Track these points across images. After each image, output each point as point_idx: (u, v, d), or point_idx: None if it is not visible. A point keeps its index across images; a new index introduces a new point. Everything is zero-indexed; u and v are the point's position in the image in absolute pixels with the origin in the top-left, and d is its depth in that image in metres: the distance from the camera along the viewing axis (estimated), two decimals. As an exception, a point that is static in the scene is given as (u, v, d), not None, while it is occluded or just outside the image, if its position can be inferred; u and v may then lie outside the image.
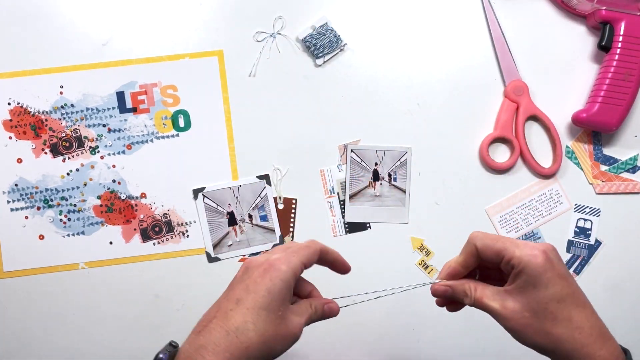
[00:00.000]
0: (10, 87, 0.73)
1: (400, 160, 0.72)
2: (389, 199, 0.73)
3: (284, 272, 0.47)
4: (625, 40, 0.71)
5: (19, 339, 0.74)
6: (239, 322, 0.45)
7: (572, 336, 0.45)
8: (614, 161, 0.76)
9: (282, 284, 0.47)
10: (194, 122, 0.74)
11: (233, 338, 0.45)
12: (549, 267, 0.46)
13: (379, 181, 0.73)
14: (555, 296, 0.46)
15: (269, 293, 0.46)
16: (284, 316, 0.47)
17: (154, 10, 0.74)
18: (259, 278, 0.47)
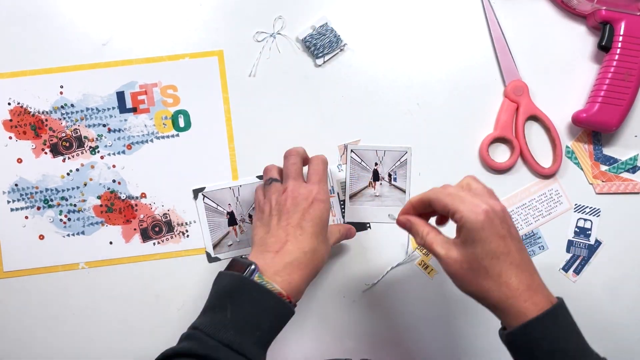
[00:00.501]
0: (10, 87, 0.73)
1: (400, 161, 0.72)
2: (389, 199, 0.73)
3: (326, 201, 0.61)
4: (625, 40, 0.71)
5: (19, 339, 0.74)
6: (310, 245, 0.58)
7: (499, 289, 0.51)
8: (614, 161, 0.76)
9: (326, 213, 0.61)
10: (194, 122, 0.74)
11: (310, 257, 0.58)
12: (488, 225, 0.51)
13: (379, 181, 0.73)
14: (489, 253, 0.51)
15: (321, 220, 0.60)
16: (328, 236, 0.61)
17: (154, 10, 0.74)
18: (311, 209, 0.60)
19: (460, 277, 0.53)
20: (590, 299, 0.76)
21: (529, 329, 0.50)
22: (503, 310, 0.51)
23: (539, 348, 0.49)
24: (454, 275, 0.53)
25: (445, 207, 0.53)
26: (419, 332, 0.76)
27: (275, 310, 0.54)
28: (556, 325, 0.50)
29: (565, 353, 0.49)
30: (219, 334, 0.51)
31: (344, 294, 0.75)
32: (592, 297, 0.76)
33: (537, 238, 0.75)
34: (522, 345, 0.51)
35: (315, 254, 0.58)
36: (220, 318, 0.52)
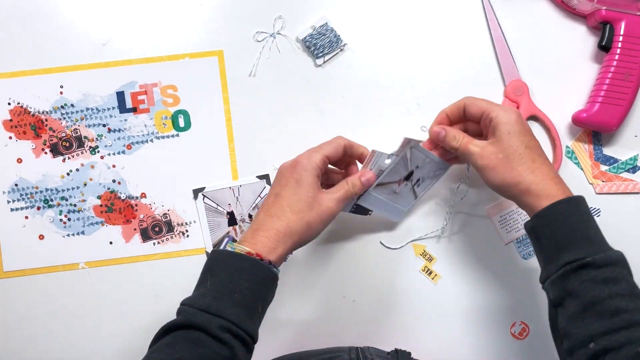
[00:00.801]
0: (10, 87, 0.73)
1: (436, 173, 0.70)
2: (399, 199, 0.71)
3: (305, 164, 0.60)
4: (626, 40, 0.71)
5: (19, 339, 0.74)
6: (278, 208, 0.59)
7: (533, 172, 0.57)
8: (614, 161, 0.76)
9: (306, 174, 0.59)
10: (194, 122, 0.74)
11: (275, 220, 0.58)
12: (521, 123, 0.59)
13: (406, 182, 0.70)
14: (524, 143, 0.58)
15: (296, 182, 0.59)
16: (315, 197, 0.59)
17: (154, 10, 0.74)
18: (288, 174, 0.60)
19: (494, 167, 0.58)
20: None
21: (555, 208, 0.55)
22: (534, 192, 0.56)
23: (562, 226, 0.54)
24: (488, 167, 0.59)
25: (481, 108, 0.61)
26: (419, 334, 0.76)
27: (249, 270, 0.55)
28: (579, 211, 0.55)
29: (586, 232, 0.54)
30: (198, 302, 0.53)
31: (344, 294, 0.75)
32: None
33: (537, 238, 0.75)
34: (546, 225, 0.55)
35: (284, 216, 0.58)
36: (202, 290, 0.55)
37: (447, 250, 0.75)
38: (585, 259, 0.52)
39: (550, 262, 0.55)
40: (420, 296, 0.75)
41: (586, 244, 0.53)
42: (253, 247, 0.57)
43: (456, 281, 0.75)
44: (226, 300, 0.53)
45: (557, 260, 0.54)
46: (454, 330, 0.76)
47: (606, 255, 0.52)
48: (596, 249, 0.53)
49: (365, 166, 0.64)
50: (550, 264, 0.55)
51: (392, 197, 0.69)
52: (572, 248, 0.53)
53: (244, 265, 0.55)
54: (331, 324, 0.75)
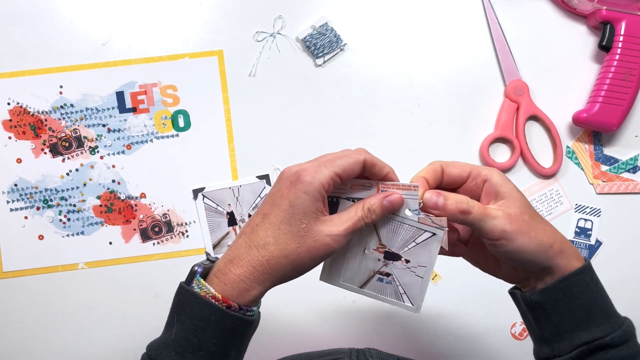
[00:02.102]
0: (9, 87, 0.73)
1: (399, 291, 0.53)
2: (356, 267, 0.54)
3: (307, 183, 0.45)
4: (626, 40, 0.71)
5: (19, 339, 0.74)
6: (262, 237, 0.46)
7: (554, 231, 0.49)
8: (615, 161, 0.75)
9: (305, 197, 0.45)
10: (193, 122, 0.74)
11: (255, 252, 0.46)
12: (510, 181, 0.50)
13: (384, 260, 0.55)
14: (528, 203, 0.49)
15: (290, 206, 0.45)
16: (308, 229, 0.45)
17: (154, 10, 0.74)
18: (285, 190, 0.46)
19: (527, 231, 0.46)
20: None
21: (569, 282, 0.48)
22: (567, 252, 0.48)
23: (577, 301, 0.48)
24: (520, 232, 0.46)
25: (464, 169, 0.49)
26: (420, 334, 0.75)
27: (215, 322, 0.45)
28: (593, 279, 0.49)
29: (603, 305, 0.49)
30: (161, 355, 0.46)
31: (344, 295, 0.75)
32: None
33: (538, 238, 0.75)
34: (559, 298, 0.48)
35: (266, 250, 0.46)
36: (166, 338, 0.47)
37: (447, 250, 0.75)
38: (604, 338, 0.46)
39: (561, 339, 0.48)
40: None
41: (604, 320, 0.48)
42: (222, 288, 0.45)
43: (456, 281, 0.75)
44: (190, 358, 0.45)
45: (572, 339, 0.48)
46: (454, 331, 0.76)
47: (623, 332, 0.47)
48: (614, 325, 0.48)
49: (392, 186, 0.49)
50: (559, 341, 0.48)
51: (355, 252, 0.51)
52: (589, 325, 0.47)
53: (210, 316, 0.45)
54: (331, 325, 0.75)
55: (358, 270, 0.51)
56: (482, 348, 0.75)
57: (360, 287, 0.51)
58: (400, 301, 0.51)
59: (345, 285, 0.51)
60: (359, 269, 0.51)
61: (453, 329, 0.76)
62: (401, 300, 0.51)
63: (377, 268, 0.50)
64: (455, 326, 0.75)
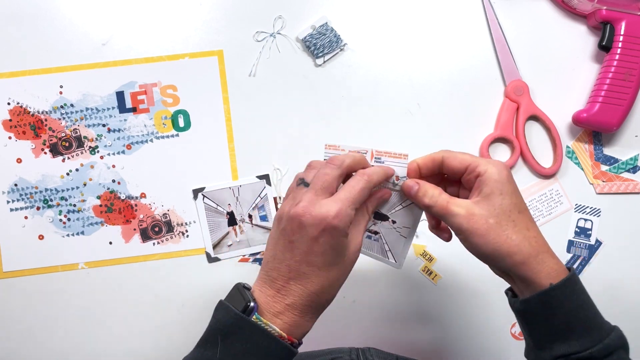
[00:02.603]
0: (10, 87, 0.73)
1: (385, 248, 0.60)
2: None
3: (341, 229, 0.48)
4: (626, 40, 0.71)
5: (19, 339, 0.74)
6: (318, 284, 0.49)
7: (529, 243, 0.48)
8: (615, 161, 0.76)
9: (342, 240, 0.49)
10: (193, 122, 0.74)
11: (314, 297, 0.49)
12: (511, 180, 0.50)
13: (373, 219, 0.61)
14: (517, 206, 0.49)
15: (332, 250, 0.48)
16: (348, 258, 0.50)
17: (154, 10, 0.74)
18: (321, 238, 0.48)
19: (484, 234, 0.48)
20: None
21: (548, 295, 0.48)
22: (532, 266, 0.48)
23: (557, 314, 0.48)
24: (476, 233, 0.48)
25: (464, 161, 0.51)
26: (420, 334, 0.76)
27: (271, 351, 0.47)
28: (574, 292, 0.49)
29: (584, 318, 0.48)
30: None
31: (344, 295, 0.75)
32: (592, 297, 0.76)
33: (538, 238, 0.75)
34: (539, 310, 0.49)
35: (324, 290, 0.49)
36: (209, 356, 0.48)
37: (447, 250, 0.75)
38: (582, 352, 0.47)
39: (542, 348, 0.49)
40: (420, 296, 0.75)
41: (584, 333, 0.48)
42: (288, 328, 0.48)
43: (456, 281, 0.75)
44: None
45: (551, 350, 0.49)
46: (454, 331, 0.76)
47: (604, 346, 0.47)
48: (594, 338, 0.47)
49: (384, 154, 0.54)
50: (541, 350, 0.50)
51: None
52: (568, 338, 0.48)
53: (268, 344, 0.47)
54: (331, 324, 0.75)
55: None
56: (482, 348, 0.75)
57: None
58: (385, 257, 0.56)
59: None
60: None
61: (453, 328, 0.76)
62: (386, 257, 0.56)
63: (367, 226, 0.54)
64: (455, 326, 0.76)
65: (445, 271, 0.75)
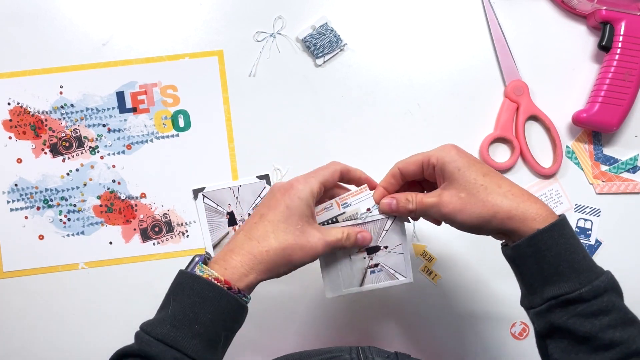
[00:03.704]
0: (10, 87, 0.73)
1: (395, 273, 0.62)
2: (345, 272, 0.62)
3: (300, 190, 0.54)
4: (626, 40, 0.71)
5: (19, 339, 0.74)
6: (261, 231, 0.53)
7: (506, 198, 0.51)
8: (614, 161, 0.76)
9: (299, 201, 0.53)
10: (194, 122, 0.74)
11: (255, 243, 0.52)
12: (463, 154, 0.54)
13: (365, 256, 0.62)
14: (480, 171, 0.52)
15: (287, 208, 0.53)
16: (303, 230, 0.53)
17: (154, 10, 0.74)
18: (280, 196, 0.54)
19: (462, 207, 0.52)
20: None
21: (536, 240, 0.50)
22: (517, 217, 0.50)
23: (546, 257, 0.50)
24: (455, 210, 0.52)
25: (416, 161, 0.55)
26: (419, 334, 0.76)
27: (213, 299, 0.50)
28: (562, 236, 0.50)
29: (572, 261, 0.49)
30: (155, 330, 0.50)
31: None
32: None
33: (537, 238, 0.75)
34: (528, 255, 0.51)
35: (266, 242, 0.52)
36: (162, 315, 0.51)
37: (447, 250, 0.75)
38: (571, 294, 0.48)
39: (534, 292, 0.51)
40: (420, 296, 0.75)
41: (572, 276, 0.49)
42: (223, 272, 0.51)
43: (456, 281, 0.75)
44: (185, 330, 0.49)
45: (542, 292, 0.50)
46: (454, 330, 0.76)
47: (593, 287, 0.48)
48: (583, 280, 0.49)
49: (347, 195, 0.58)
50: (533, 294, 0.51)
51: (343, 262, 0.59)
52: (557, 281, 0.49)
53: (209, 293, 0.50)
54: (331, 323, 0.75)
55: (353, 275, 0.59)
56: (482, 347, 0.75)
57: (360, 285, 0.59)
58: (395, 280, 0.59)
59: (349, 291, 0.59)
60: (353, 273, 0.59)
61: (453, 328, 0.76)
62: (395, 279, 0.59)
63: (366, 265, 0.59)
64: (455, 326, 0.76)
65: (445, 271, 0.75)
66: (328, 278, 0.59)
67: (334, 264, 0.59)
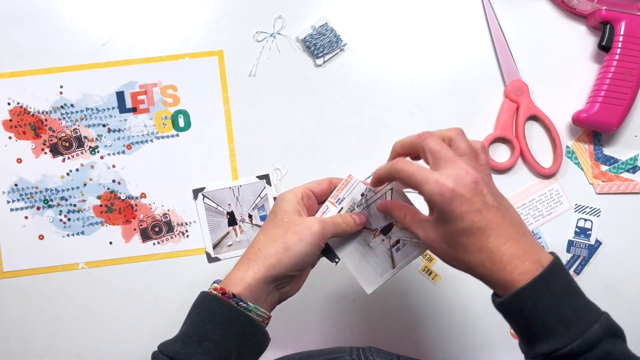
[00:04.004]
0: (10, 87, 0.73)
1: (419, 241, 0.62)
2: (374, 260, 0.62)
3: (283, 196, 0.56)
4: (626, 40, 0.71)
5: (19, 339, 0.74)
6: (255, 241, 0.55)
7: (482, 264, 0.48)
8: (614, 161, 0.76)
9: (281, 203, 0.55)
10: (194, 122, 0.74)
11: (249, 249, 0.54)
12: (458, 203, 0.46)
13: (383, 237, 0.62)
14: (465, 231, 0.47)
15: (273, 213, 0.55)
16: (291, 220, 0.54)
17: (154, 10, 0.74)
18: (270, 212, 0.56)
19: (442, 256, 0.51)
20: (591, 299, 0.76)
21: (519, 297, 0.47)
22: (491, 282, 0.49)
23: (532, 314, 0.47)
24: (437, 254, 0.51)
25: (410, 179, 0.49)
26: (419, 333, 0.76)
27: (222, 315, 0.50)
28: (548, 289, 0.47)
29: (560, 315, 0.47)
30: (168, 348, 0.50)
31: (343, 294, 0.75)
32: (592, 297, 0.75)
33: (538, 238, 0.75)
34: (515, 312, 0.48)
35: (257, 242, 0.54)
36: (177, 334, 0.52)
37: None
38: (562, 349, 0.46)
39: (527, 343, 0.50)
40: (420, 296, 0.75)
41: (562, 330, 0.46)
42: (224, 283, 0.52)
43: (456, 281, 0.75)
44: (195, 347, 0.49)
45: (533, 348, 0.48)
46: (454, 330, 0.76)
47: (585, 340, 0.46)
48: (574, 334, 0.46)
49: (336, 192, 0.57)
50: (527, 345, 0.50)
51: (365, 252, 0.58)
52: (547, 337, 0.47)
53: (218, 309, 0.50)
54: (331, 324, 0.75)
55: (381, 261, 0.58)
56: (482, 347, 0.75)
57: (393, 268, 0.58)
58: (422, 248, 0.58)
59: (385, 277, 0.58)
60: (380, 258, 0.58)
61: (453, 328, 0.76)
62: (422, 247, 0.58)
63: (388, 245, 0.58)
64: (455, 325, 0.76)
65: (445, 271, 0.75)
66: (360, 275, 0.58)
67: (358, 259, 0.58)
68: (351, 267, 0.58)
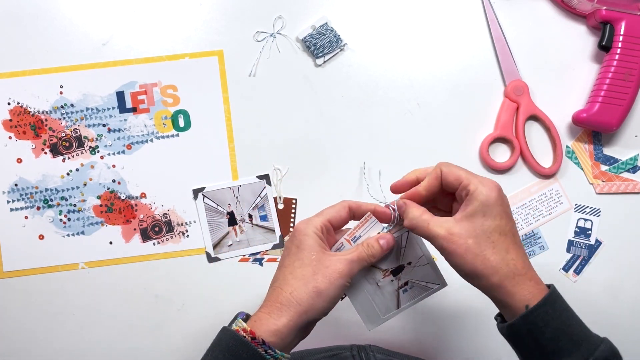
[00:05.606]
0: (10, 87, 0.73)
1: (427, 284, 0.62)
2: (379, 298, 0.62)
3: (304, 229, 0.54)
4: (626, 40, 0.71)
5: (19, 339, 0.74)
6: (280, 278, 0.53)
7: (506, 264, 0.49)
8: (614, 161, 0.76)
9: (305, 237, 0.53)
10: (194, 122, 0.74)
11: (278, 290, 0.52)
12: (500, 202, 0.50)
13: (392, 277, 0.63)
14: (499, 228, 0.50)
15: (297, 248, 0.53)
16: (318, 258, 0.52)
17: (154, 10, 0.74)
18: (289, 244, 0.54)
19: (464, 253, 0.50)
20: (590, 299, 0.76)
21: (529, 319, 0.48)
22: (507, 289, 0.49)
23: (543, 335, 0.48)
24: (455, 253, 0.50)
25: (459, 178, 0.51)
26: (419, 333, 0.76)
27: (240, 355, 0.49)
28: (555, 310, 0.49)
29: (570, 334, 0.48)
30: None
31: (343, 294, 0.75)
32: (592, 297, 0.76)
33: (538, 238, 0.75)
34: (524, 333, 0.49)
35: (288, 285, 0.52)
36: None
37: (447, 250, 0.75)
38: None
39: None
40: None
41: (573, 349, 0.48)
42: (252, 325, 0.50)
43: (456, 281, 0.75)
44: None
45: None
46: (454, 330, 0.76)
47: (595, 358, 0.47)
48: (584, 352, 0.48)
49: (354, 230, 0.56)
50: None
51: (372, 290, 0.58)
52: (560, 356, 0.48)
53: (241, 352, 0.49)
54: (332, 322, 0.75)
55: (386, 300, 0.58)
56: (482, 347, 0.75)
57: (397, 308, 0.58)
58: (429, 290, 0.58)
59: (388, 317, 0.58)
60: (386, 298, 0.58)
61: (453, 327, 0.76)
62: (429, 290, 0.58)
63: (396, 287, 0.58)
64: (456, 324, 0.76)
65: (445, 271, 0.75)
66: (363, 311, 0.58)
67: (364, 297, 0.58)
68: (356, 303, 0.58)
